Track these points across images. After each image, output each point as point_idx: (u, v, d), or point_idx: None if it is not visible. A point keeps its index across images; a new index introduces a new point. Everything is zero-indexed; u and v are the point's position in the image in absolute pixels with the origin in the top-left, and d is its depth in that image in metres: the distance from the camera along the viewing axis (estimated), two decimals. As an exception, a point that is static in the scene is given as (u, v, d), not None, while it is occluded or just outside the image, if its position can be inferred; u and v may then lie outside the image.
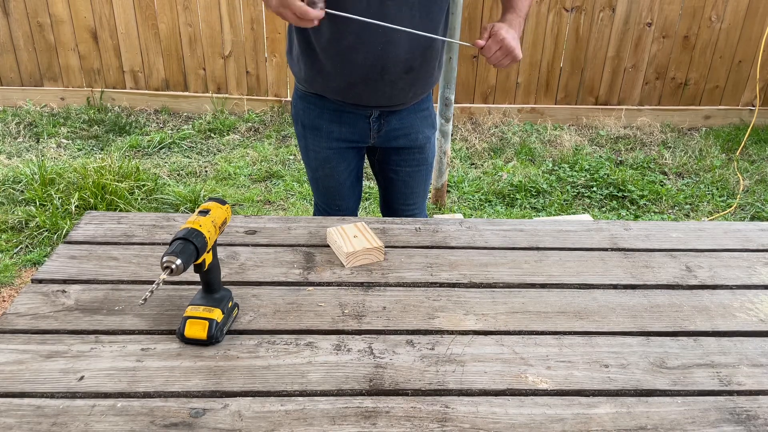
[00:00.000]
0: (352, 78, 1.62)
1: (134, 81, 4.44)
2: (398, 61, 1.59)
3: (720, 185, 3.72)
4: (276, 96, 4.46)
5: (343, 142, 1.77)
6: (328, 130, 1.75)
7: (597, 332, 1.20)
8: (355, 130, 1.75)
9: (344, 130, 1.75)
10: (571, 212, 3.44)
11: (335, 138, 1.76)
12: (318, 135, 1.76)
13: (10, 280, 2.68)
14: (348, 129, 1.74)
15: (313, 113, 1.74)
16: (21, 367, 1.05)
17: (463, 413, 1.00)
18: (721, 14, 4.22)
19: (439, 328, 1.19)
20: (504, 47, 1.49)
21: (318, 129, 1.75)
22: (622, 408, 1.02)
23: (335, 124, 1.74)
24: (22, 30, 4.26)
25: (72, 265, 1.34)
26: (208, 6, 4.21)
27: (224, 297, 1.16)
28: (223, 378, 1.05)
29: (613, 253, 1.47)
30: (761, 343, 1.18)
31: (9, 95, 4.41)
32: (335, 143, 1.76)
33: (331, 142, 1.76)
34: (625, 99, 4.48)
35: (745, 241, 1.55)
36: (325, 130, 1.75)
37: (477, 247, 1.48)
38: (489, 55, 1.50)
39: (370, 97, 1.67)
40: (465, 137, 4.24)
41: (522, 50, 1.54)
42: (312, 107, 1.74)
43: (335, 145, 1.77)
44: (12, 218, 3.04)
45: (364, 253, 1.39)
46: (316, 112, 1.74)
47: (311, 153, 1.81)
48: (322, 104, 1.72)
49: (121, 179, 3.30)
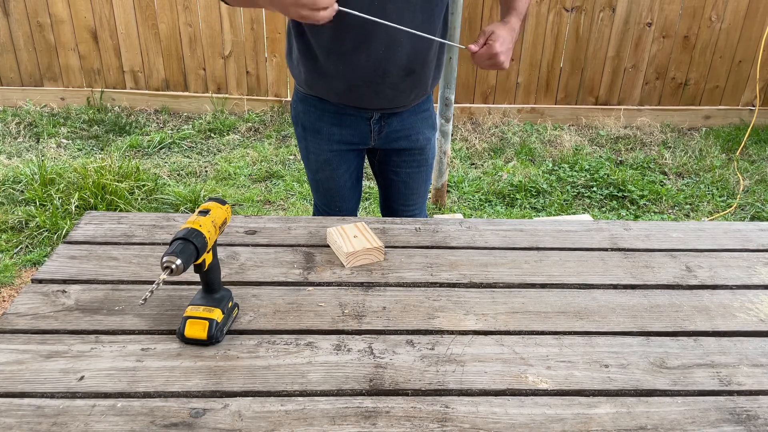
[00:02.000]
0: (353, 80, 1.61)
1: (134, 81, 4.45)
2: (400, 64, 1.59)
3: (720, 185, 3.72)
4: (276, 96, 4.47)
5: (344, 144, 1.77)
6: (329, 133, 1.74)
7: (597, 332, 1.20)
8: (355, 132, 1.75)
9: (345, 133, 1.74)
10: (571, 212, 3.44)
11: (336, 140, 1.75)
12: (318, 137, 1.76)
13: (10, 280, 2.68)
14: (349, 131, 1.74)
15: (314, 116, 1.74)
16: (21, 367, 1.05)
17: (463, 413, 1.00)
18: (721, 14, 4.22)
19: (439, 328, 1.19)
20: (495, 62, 1.50)
21: (318, 131, 1.75)
22: (622, 408, 1.02)
23: (336, 127, 1.74)
24: (22, 30, 4.26)
25: (72, 265, 1.34)
26: (208, 6, 4.21)
27: (224, 297, 1.16)
28: (223, 378, 1.05)
29: (613, 253, 1.47)
30: (761, 343, 1.18)
31: (9, 95, 4.41)
32: (336, 146, 1.76)
33: (332, 145, 1.76)
34: (625, 99, 4.48)
35: (745, 241, 1.55)
36: (326, 132, 1.75)
37: (477, 247, 1.48)
38: (478, 62, 1.52)
39: (371, 100, 1.66)
40: (465, 137, 4.24)
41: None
42: (312, 110, 1.74)
43: (336, 148, 1.77)
44: (12, 218, 3.04)
45: (365, 253, 1.39)
46: (316, 114, 1.74)
47: (312, 155, 1.81)
48: (323, 107, 1.72)
49: (121, 179, 3.30)
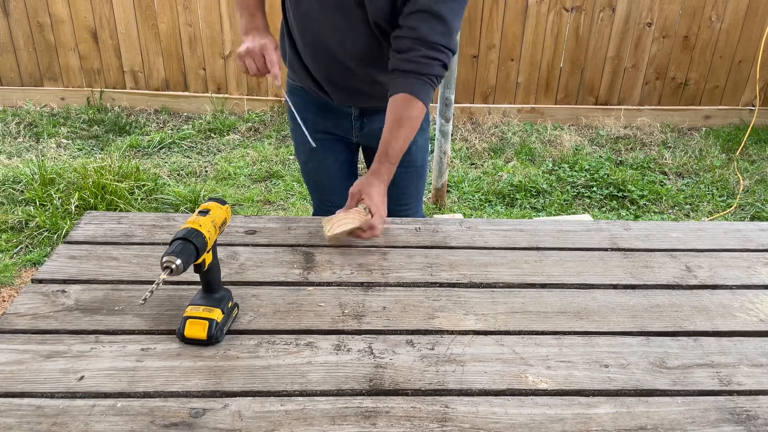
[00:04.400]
0: (320, 74, 1.66)
1: (134, 81, 4.44)
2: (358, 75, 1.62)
3: (720, 185, 3.72)
4: (276, 96, 4.47)
5: (329, 134, 1.81)
6: (314, 122, 1.79)
7: (597, 332, 1.20)
8: (338, 125, 1.79)
9: (329, 124, 1.79)
10: (571, 212, 3.44)
11: (320, 130, 1.79)
12: (305, 125, 1.78)
13: (10, 280, 2.68)
14: (332, 123, 1.79)
15: (300, 105, 1.78)
16: (21, 367, 1.05)
17: (463, 413, 1.00)
18: (721, 14, 4.22)
19: (439, 328, 1.19)
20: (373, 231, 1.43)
21: (304, 120, 1.78)
22: (622, 408, 1.02)
23: (320, 117, 1.78)
24: (22, 30, 4.26)
25: (72, 265, 1.34)
26: (208, 6, 4.21)
27: (224, 297, 1.16)
28: (223, 378, 1.05)
29: (613, 253, 1.47)
30: (761, 343, 1.18)
31: (9, 95, 4.41)
32: (321, 135, 1.80)
33: (318, 134, 1.79)
34: (625, 99, 4.48)
35: (745, 241, 1.55)
36: (311, 121, 1.79)
37: (477, 247, 1.48)
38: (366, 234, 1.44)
39: (343, 99, 1.71)
40: (465, 137, 4.24)
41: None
42: (299, 100, 1.79)
43: (321, 137, 1.80)
44: (12, 218, 3.04)
45: (343, 218, 1.39)
46: (302, 104, 1.78)
47: (300, 146, 1.85)
48: (308, 97, 1.77)
49: (121, 179, 3.30)
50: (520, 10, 4.16)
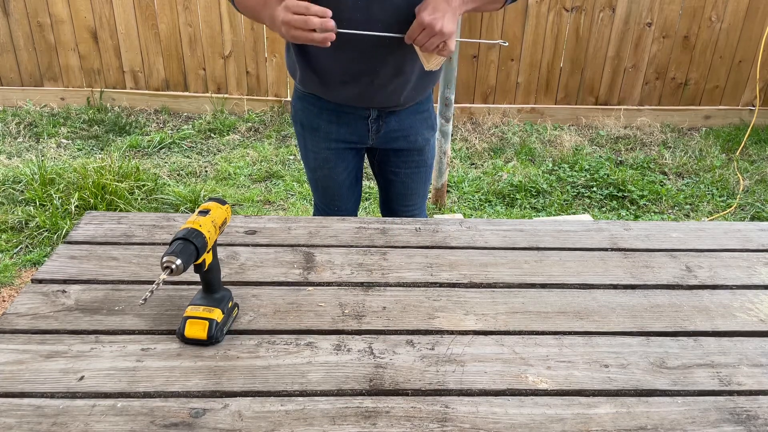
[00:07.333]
0: (344, 78, 1.62)
1: (134, 81, 4.45)
2: (388, 64, 1.58)
3: (720, 185, 3.72)
4: (276, 96, 4.47)
5: (342, 142, 1.77)
6: (327, 131, 1.74)
7: (597, 332, 1.20)
8: (353, 131, 1.74)
9: (342, 131, 1.74)
10: (571, 212, 3.44)
11: (333, 139, 1.75)
12: (316, 135, 1.76)
13: (10, 280, 2.68)
14: (346, 129, 1.74)
15: (312, 113, 1.74)
16: (21, 367, 1.05)
17: (463, 413, 1.00)
18: (721, 14, 4.22)
19: (439, 328, 1.19)
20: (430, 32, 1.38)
21: (316, 129, 1.75)
22: (622, 408, 1.02)
23: (334, 125, 1.73)
24: (22, 30, 4.26)
25: (72, 265, 1.34)
26: (208, 6, 4.21)
27: (224, 297, 1.16)
28: (223, 378, 1.05)
29: (613, 253, 1.47)
30: (761, 343, 1.18)
31: (9, 95, 4.42)
32: (334, 144, 1.76)
33: (330, 143, 1.76)
34: (625, 99, 4.48)
35: (745, 241, 1.55)
36: (324, 130, 1.74)
37: (477, 247, 1.48)
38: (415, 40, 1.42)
39: (363, 98, 1.66)
40: (465, 137, 4.24)
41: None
42: (311, 107, 1.74)
43: (334, 146, 1.77)
44: (12, 218, 3.04)
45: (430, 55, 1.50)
46: (314, 112, 1.73)
47: (310, 153, 1.81)
48: (321, 104, 1.72)
49: (121, 179, 3.30)
50: (520, 10, 4.16)
